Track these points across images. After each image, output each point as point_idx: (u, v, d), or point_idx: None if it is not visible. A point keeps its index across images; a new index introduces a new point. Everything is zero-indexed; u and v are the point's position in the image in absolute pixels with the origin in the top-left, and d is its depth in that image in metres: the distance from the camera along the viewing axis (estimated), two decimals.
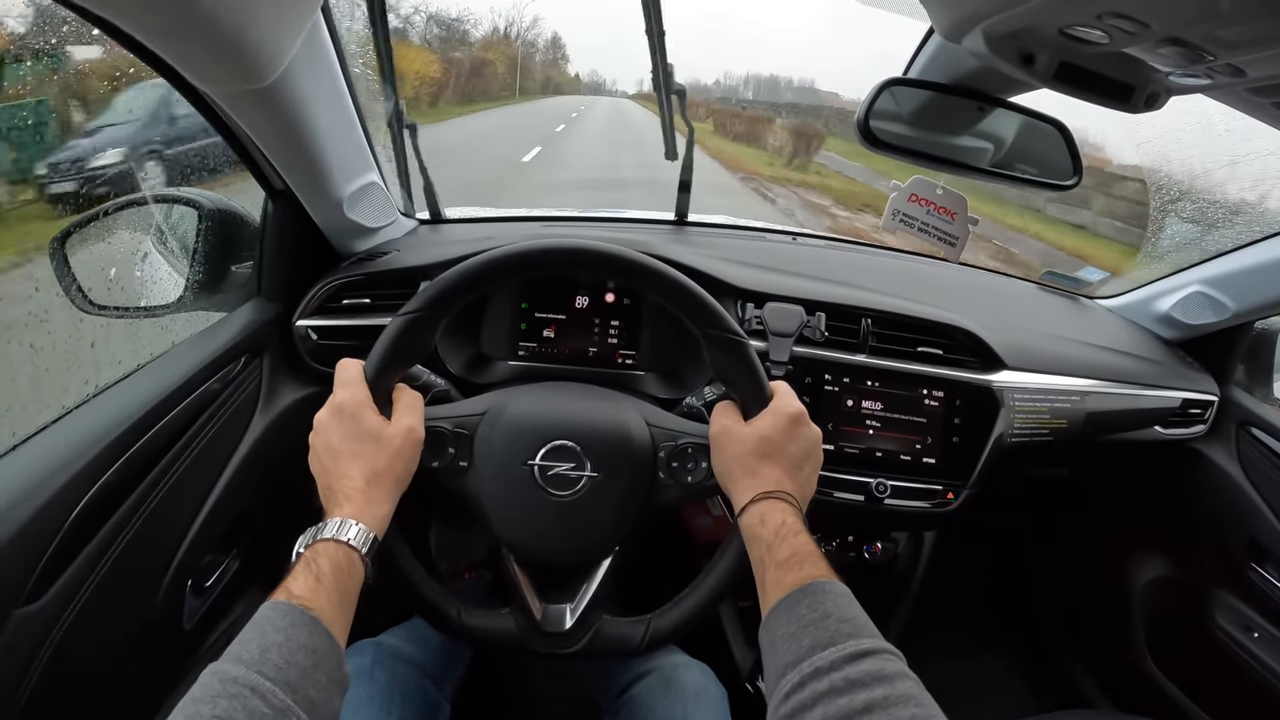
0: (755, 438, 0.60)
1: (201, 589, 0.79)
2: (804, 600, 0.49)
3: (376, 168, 0.88)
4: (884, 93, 0.73)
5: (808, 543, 0.54)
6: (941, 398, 0.90)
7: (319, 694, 0.44)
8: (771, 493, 0.58)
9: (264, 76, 0.56)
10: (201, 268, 0.84)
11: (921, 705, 0.42)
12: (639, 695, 0.75)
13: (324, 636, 0.46)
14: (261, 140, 0.69)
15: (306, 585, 0.48)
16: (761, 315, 0.88)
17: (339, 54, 0.69)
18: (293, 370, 0.89)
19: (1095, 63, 0.62)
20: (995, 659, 1.39)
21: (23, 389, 0.78)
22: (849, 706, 0.41)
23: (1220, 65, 0.53)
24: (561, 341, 0.93)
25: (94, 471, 0.61)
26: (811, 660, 0.45)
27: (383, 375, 0.61)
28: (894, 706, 0.41)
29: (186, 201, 0.87)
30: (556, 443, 0.65)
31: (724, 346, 0.63)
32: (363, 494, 0.55)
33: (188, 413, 0.73)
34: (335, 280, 0.87)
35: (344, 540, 0.52)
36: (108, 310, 0.83)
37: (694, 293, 0.63)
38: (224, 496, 0.78)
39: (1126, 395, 1.00)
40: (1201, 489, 1.09)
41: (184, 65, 0.54)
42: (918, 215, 0.89)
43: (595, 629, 0.65)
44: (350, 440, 0.57)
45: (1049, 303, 1.20)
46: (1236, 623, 1.04)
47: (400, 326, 0.61)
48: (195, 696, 0.40)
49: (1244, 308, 1.03)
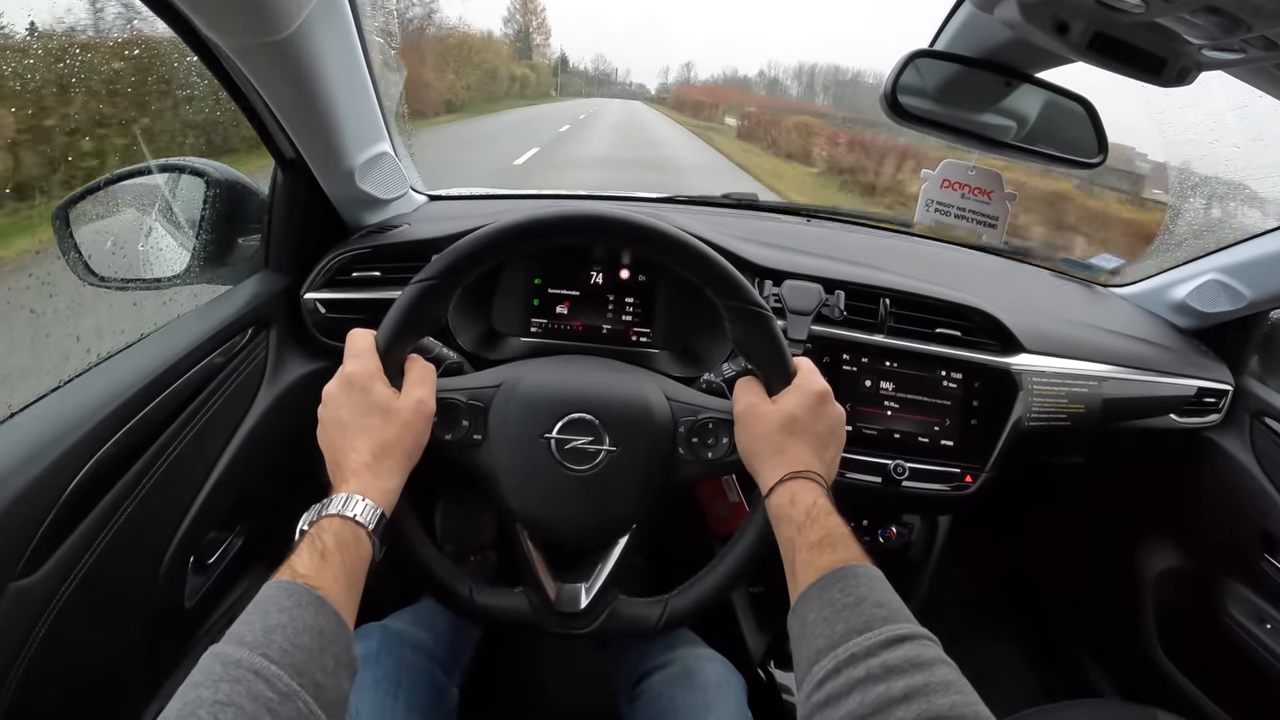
0: (782, 416, 0.59)
1: (204, 566, 0.77)
2: (837, 584, 0.48)
3: (389, 137, 0.86)
4: (910, 65, 0.72)
5: (840, 524, 0.53)
6: (960, 379, 0.89)
7: (326, 677, 0.42)
8: (801, 472, 0.56)
9: (281, 28, 0.55)
10: (208, 238, 0.83)
11: (961, 692, 0.41)
12: (658, 684, 0.73)
13: (331, 616, 0.44)
14: (274, 101, 0.68)
15: (311, 563, 0.46)
16: (780, 293, 0.87)
17: (355, 14, 0.67)
18: (300, 344, 0.87)
19: (1129, 33, 0.61)
20: (1004, 648, 1.38)
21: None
22: (887, 694, 0.40)
23: (1255, 38, 0.53)
24: (575, 318, 0.92)
25: (93, 442, 0.59)
26: (847, 646, 0.44)
27: (395, 346, 0.59)
28: (933, 694, 0.40)
29: (193, 171, 0.85)
30: (574, 415, 0.63)
31: (747, 319, 0.61)
32: (370, 468, 0.53)
33: (191, 385, 0.71)
34: (345, 252, 0.85)
35: (350, 516, 0.50)
36: (111, 282, 0.81)
37: (718, 263, 0.62)
38: (228, 472, 0.76)
39: (1143, 382, 0.99)
40: (1214, 479, 1.08)
41: (198, 12, 0.52)
42: (953, 202, 0.86)
43: (611, 609, 0.64)
44: (359, 413, 0.55)
45: (1065, 289, 1.19)
46: (1249, 614, 1.04)
47: (414, 295, 0.59)
48: (196, 681, 0.38)
49: (1260, 296, 1.02)
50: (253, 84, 0.65)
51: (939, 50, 0.74)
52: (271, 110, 0.69)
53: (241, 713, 0.37)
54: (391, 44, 0.86)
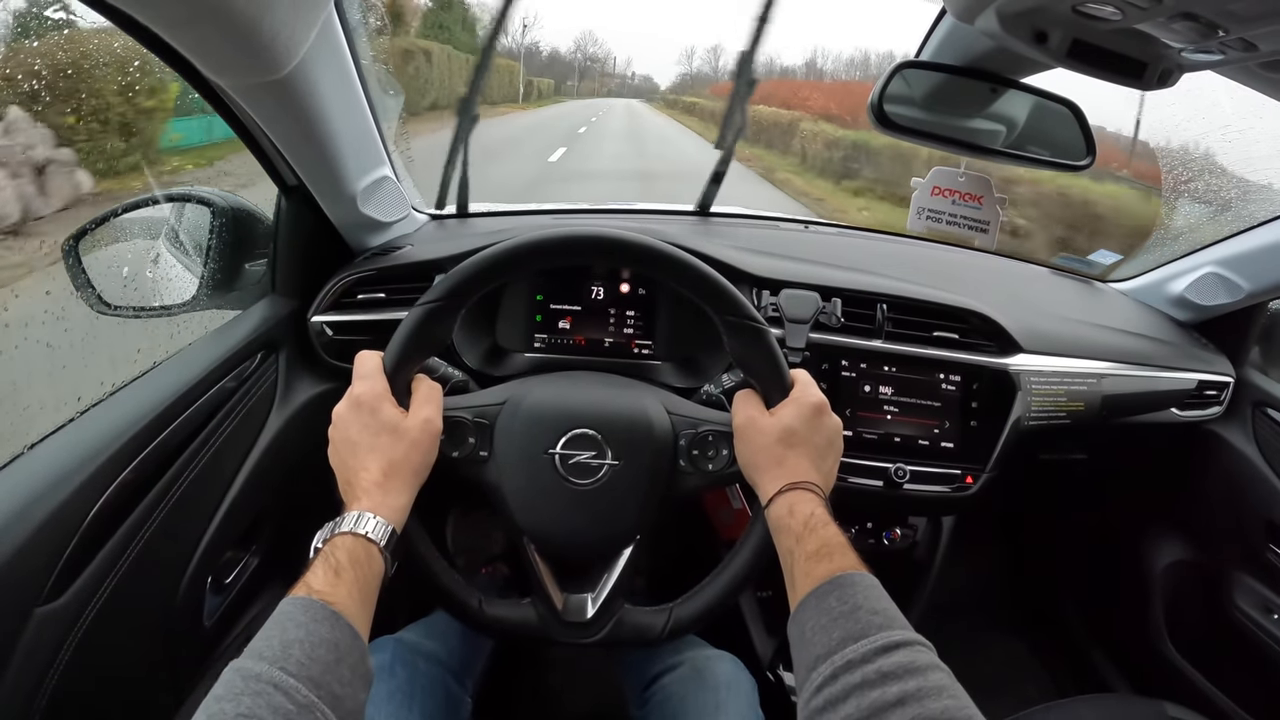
0: (780, 428, 0.60)
1: (222, 586, 0.79)
2: (834, 592, 0.49)
3: (389, 162, 0.88)
4: (897, 75, 0.73)
5: (837, 534, 0.54)
6: (959, 382, 0.90)
7: (343, 689, 0.44)
8: (799, 483, 0.58)
9: (280, 67, 0.56)
10: (215, 265, 0.84)
11: (955, 697, 0.42)
12: (669, 686, 0.74)
13: (346, 630, 0.46)
14: (275, 134, 0.69)
15: (326, 579, 0.48)
16: (777, 302, 0.88)
17: (351, 46, 0.69)
18: (309, 366, 0.89)
19: (1108, 40, 0.62)
20: (1015, 644, 1.38)
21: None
22: (881, 699, 0.41)
23: (1233, 40, 0.53)
24: (577, 332, 0.93)
25: (112, 469, 0.61)
26: (843, 653, 0.45)
27: (401, 366, 0.60)
28: (927, 698, 0.41)
29: (199, 200, 0.86)
30: (577, 431, 0.65)
31: (744, 334, 0.63)
32: (380, 487, 0.55)
33: (204, 410, 0.73)
34: (349, 275, 0.87)
35: (362, 533, 0.52)
36: (122, 310, 0.83)
37: (713, 279, 0.63)
38: (242, 493, 0.78)
39: (1142, 378, 0.99)
40: (1218, 471, 1.08)
41: (199, 57, 0.54)
42: (944, 208, 0.87)
43: (617, 618, 0.65)
44: (368, 433, 0.57)
45: (1063, 286, 1.19)
46: (1256, 605, 1.04)
47: (419, 316, 0.61)
48: (218, 694, 0.40)
49: (1258, 288, 1.02)
50: (254, 119, 0.67)
51: (925, 60, 0.75)
52: (273, 141, 0.71)
53: None
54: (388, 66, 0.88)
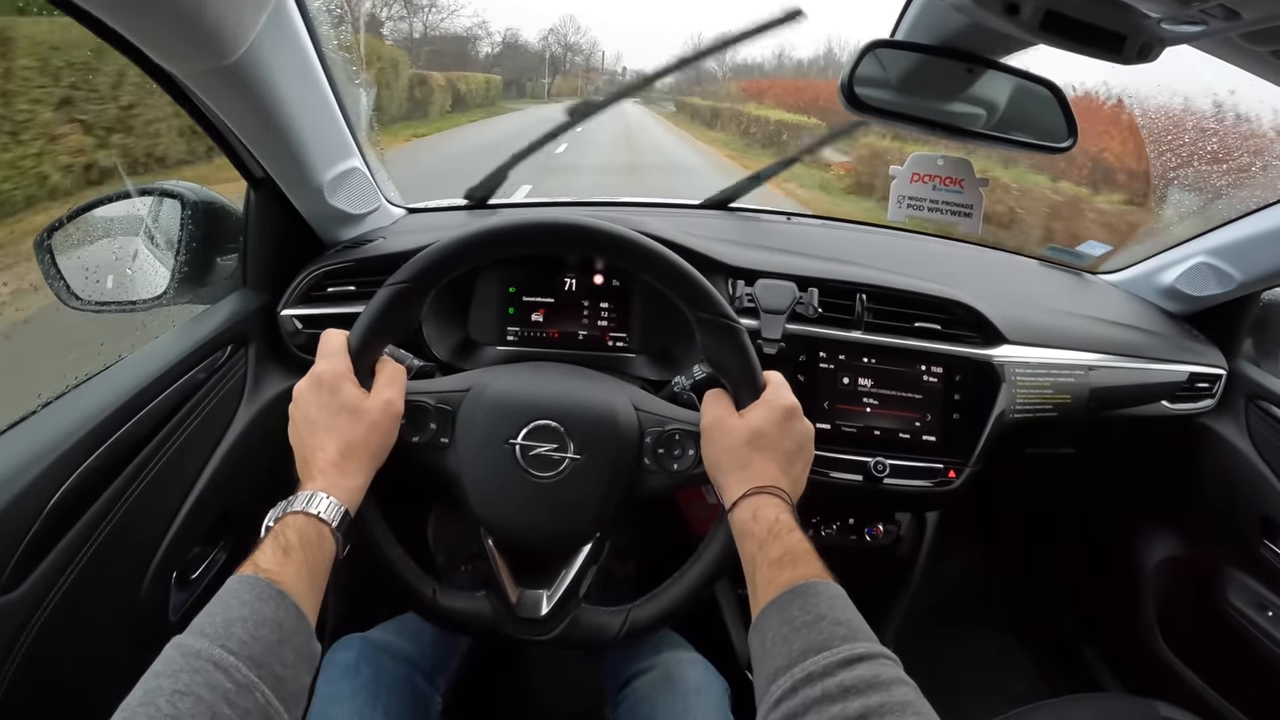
0: (748, 430, 0.59)
1: (188, 581, 0.78)
2: (796, 601, 0.48)
3: (359, 153, 0.86)
4: (868, 55, 0.71)
5: (801, 540, 0.53)
6: (940, 374, 0.88)
7: (285, 670, 0.43)
8: (764, 488, 0.56)
9: (229, 51, 0.55)
10: (186, 260, 0.84)
11: (919, 713, 0.40)
12: (640, 690, 0.73)
13: (291, 610, 0.45)
14: (234, 123, 0.68)
15: (274, 558, 0.47)
16: (753, 292, 0.86)
17: (311, 33, 0.68)
18: (279, 360, 0.88)
19: (1083, 11, 0.60)
20: (1005, 642, 1.36)
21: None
22: (843, 714, 0.40)
23: (1214, 7, 0.51)
24: (550, 325, 0.92)
25: (74, 459, 0.60)
26: (804, 665, 0.43)
27: (366, 347, 0.60)
28: (890, 714, 0.39)
29: (170, 194, 0.86)
30: (539, 422, 0.64)
31: (717, 331, 0.61)
32: (336, 467, 0.54)
33: (170, 402, 0.72)
34: (319, 268, 0.86)
35: (314, 513, 0.51)
36: (91, 305, 0.83)
37: (688, 274, 0.62)
38: (210, 487, 0.77)
39: (1132, 370, 0.97)
40: (1211, 465, 1.06)
41: (146, 42, 0.53)
42: (924, 195, 0.84)
43: (572, 617, 0.64)
44: (327, 412, 0.56)
45: (1051, 278, 1.18)
46: (1250, 601, 1.02)
47: (387, 297, 0.60)
48: (157, 670, 0.40)
49: (1250, 278, 1.00)
50: (213, 109, 0.66)
51: (898, 40, 0.73)
52: (235, 132, 0.70)
53: (199, 702, 0.38)
54: (354, 60, 0.87)
